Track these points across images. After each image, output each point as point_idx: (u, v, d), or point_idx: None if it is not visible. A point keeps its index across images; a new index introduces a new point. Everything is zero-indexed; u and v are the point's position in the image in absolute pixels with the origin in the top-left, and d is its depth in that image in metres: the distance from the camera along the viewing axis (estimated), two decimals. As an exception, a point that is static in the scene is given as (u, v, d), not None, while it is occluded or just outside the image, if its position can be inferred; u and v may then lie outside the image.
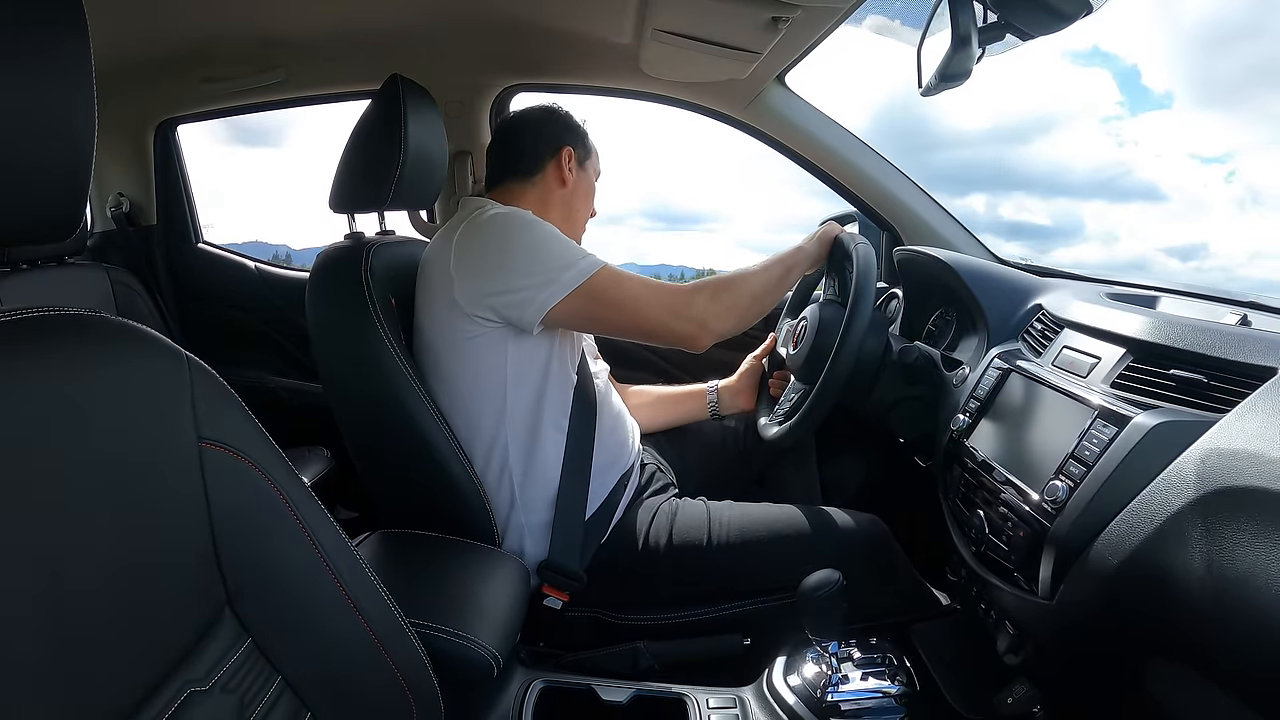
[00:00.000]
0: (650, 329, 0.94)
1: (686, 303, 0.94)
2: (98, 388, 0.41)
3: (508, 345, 0.92)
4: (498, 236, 0.91)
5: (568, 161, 1.05)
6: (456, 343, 0.92)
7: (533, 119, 1.07)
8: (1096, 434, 0.66)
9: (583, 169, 1.08)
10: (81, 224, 0.60)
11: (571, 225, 1.08)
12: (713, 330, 0.95)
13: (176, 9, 1.14)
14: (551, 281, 0.88)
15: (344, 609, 0.53)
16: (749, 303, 1.00)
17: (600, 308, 0.92)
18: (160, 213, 1.64)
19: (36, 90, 0.38)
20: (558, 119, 1.08)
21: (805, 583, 0.82)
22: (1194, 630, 0.54)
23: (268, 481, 0.49)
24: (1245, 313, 0.80)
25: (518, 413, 0.94)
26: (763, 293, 1.01)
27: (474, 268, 0.90)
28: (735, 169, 28.06)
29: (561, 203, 1.06)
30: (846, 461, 1.31)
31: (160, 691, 0.42)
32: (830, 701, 0.81)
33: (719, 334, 0.96)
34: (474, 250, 0.91)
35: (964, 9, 0.71)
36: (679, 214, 26.22)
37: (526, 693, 0.81)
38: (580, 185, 1.08)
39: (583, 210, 1.11)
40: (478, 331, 0.91)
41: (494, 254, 0.90)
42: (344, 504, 1.55)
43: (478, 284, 0.89)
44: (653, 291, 0.94)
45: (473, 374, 0.93)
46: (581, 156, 1.08)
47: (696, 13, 0.97)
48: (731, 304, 0.97)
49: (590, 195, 1.12)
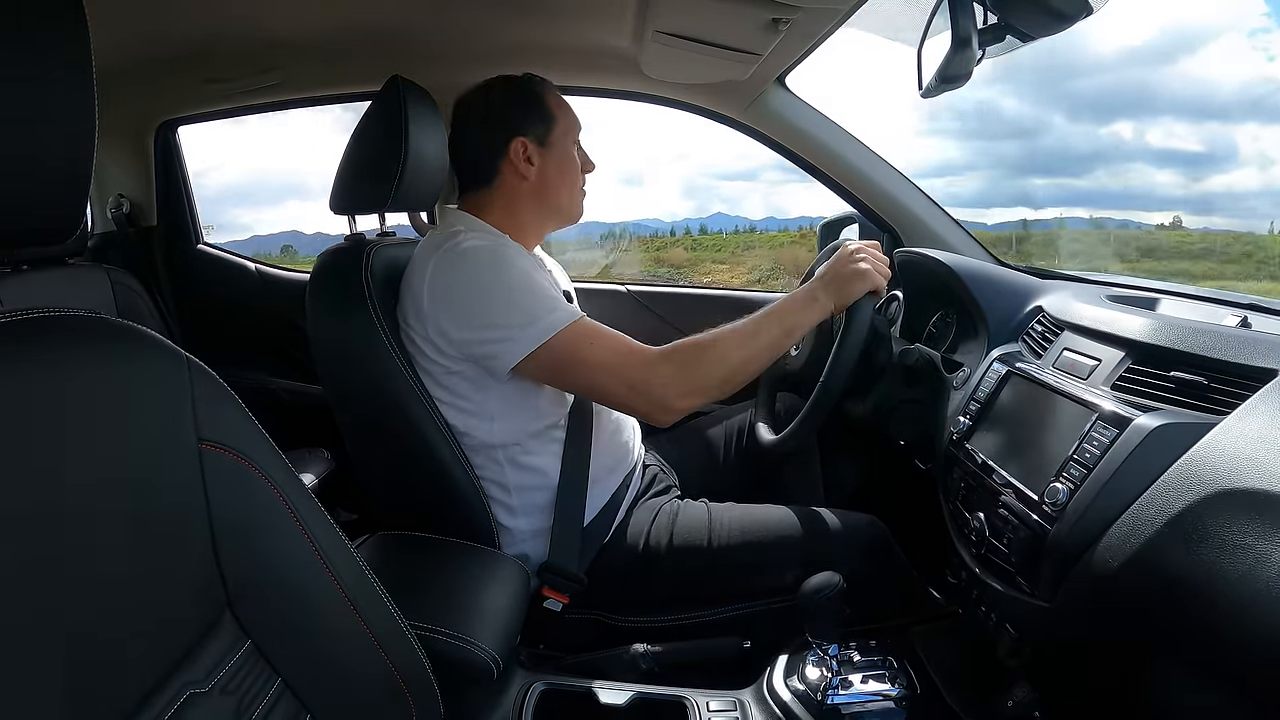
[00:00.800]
0: (610, 400, 0.90)
1: (646, 378, 0.86)
2: (98, 389, 0.41)
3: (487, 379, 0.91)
4: (466, 279, 0.87)
5: (521, 154, 0.98)
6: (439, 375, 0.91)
7: (470, 119, 1.00)
8: (1097, 436, 0.66)
9: (546, 147, 0.99)
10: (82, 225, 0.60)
11: (554, 210, 1.03)
12: (675, 410, 0.88)
13: (177, 10, 1.14)
14: (513, 339, 0.85)
15: (344, 611, 0.53)
16: (727, 374, 0.88)
17: (561, 369, 0.87)
18: (160, 213, 1.65)
19: (37, 91, 0.38)
20: (497, 107, 0.98)
21: (805, 585, 0.81)
22: (1195, 632, 0.54)
23: (268, 483, 0.49)
24: (1245, 314, 0.80)
25: (515, 417, 0.94)
26: (748, 359, 0.89)
27: (446, 309, 0.87)
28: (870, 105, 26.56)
29: (531, 196, 1.00)
30: (847, 464, 1.30)
31: (160, 693, 0.42)
32: (830, 704, 0.81)
33: (685, 411, 0.88)
34: (444, 287, 0.87)
35: (964, 10, 0.72)
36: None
37: (526, 695, 0.81)
38: (549, 166, 0.99)
39: (564, 187, 1.02)
40: (455, 368, 0.90)
41: (462, 298, 0.86)
42: (344, 506, 1.55)
43: (450, 327, 0.87)
44: (617, 357, 0.87)
45: (470, 379, 0.93)
46: (540, 135, 0.99)
47: (696, 14, 0.97)
48: (703, 377, 0.87)
49: (568, 168, 1.02)
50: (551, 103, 1.01)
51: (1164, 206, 57.12)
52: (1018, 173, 48.68)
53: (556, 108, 1.01)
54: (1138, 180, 27.01)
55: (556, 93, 1.03)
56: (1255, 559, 0.48)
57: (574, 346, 0.86)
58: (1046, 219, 14.65)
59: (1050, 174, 48.90)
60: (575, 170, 1.03)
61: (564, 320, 0.86)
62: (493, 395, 0.91)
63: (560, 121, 1.01)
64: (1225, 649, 0.51)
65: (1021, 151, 55.03)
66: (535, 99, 1.00)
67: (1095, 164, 47.32)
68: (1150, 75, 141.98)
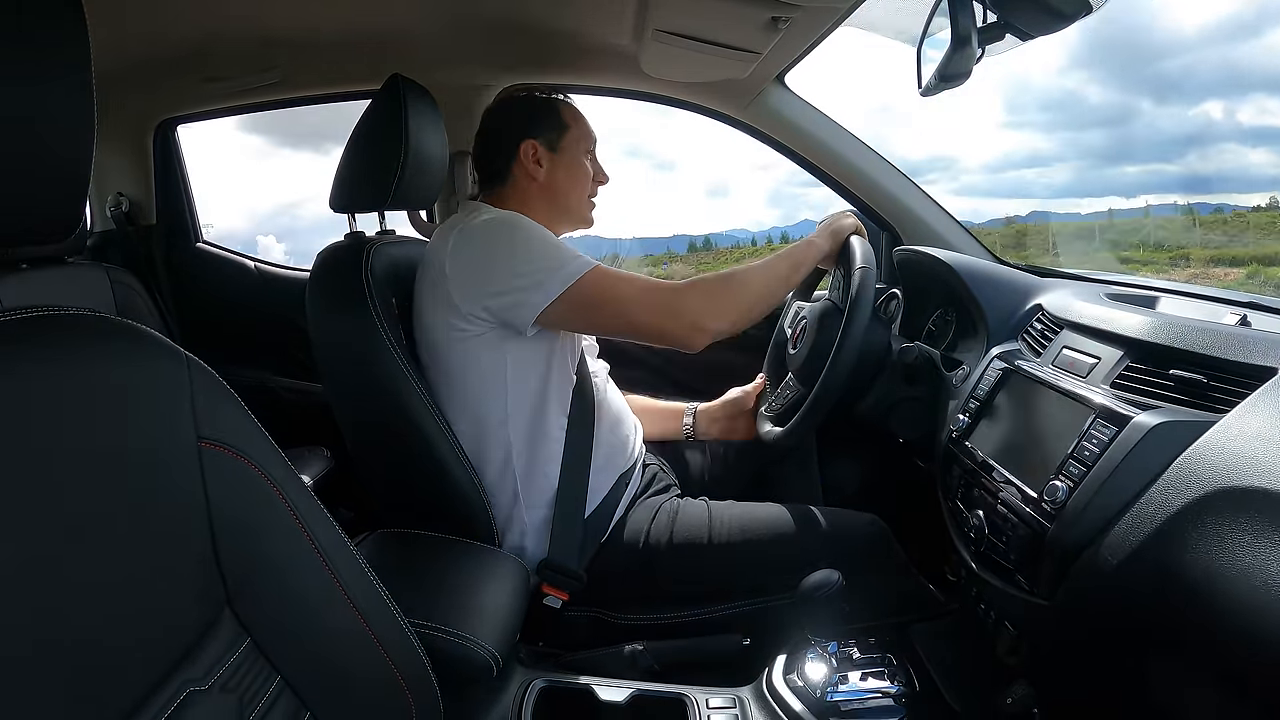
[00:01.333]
0: (642, 330, 0.94)
1: (676, 302, 0.93)
2: (97, 388, 0.41)
3: (507, 344, 0.93)
4: (489, 240, 0.91)
5: (531, 155, 1.03)
6: (457, 342, 0.92)
7: (490, 124, 1.07)
8: (1096, 434, 0.66)
9: (556, 151, 1.05)
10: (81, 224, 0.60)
11: (563, 211, 1.07)
12: (707, 329, 0.93)
13: (177, 9, 1.14)
14: (540, 285, 0.88)
15: (343, 609, 0.53)
16: (749, 301, 0.97)
17: (591, 309, 0.91)
18: (160, 213, 1.64)
19: (37, 90, 0.38)
20: (513, 114, 1.05)
21: (805, 583, 0.82)
22: (1194, 630, 0.54)
23: (267, 481, 0.49)
24: (1245, 313, 0.80)
25: (519, 410, 0.95)
26: (764, 290, 0.99)
27: (468, 270, 0.90)
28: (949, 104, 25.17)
29: (541, 195, 1.05)
30: (847, 462, 1.30)
31: (159, 691, 0.42)
32: (830, 702, 0.81)
33: (715, 333, 0.94)
34: (468, 253, 0.91)
35: (964, 9, 0.72)
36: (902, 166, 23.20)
37: (526, 693, 0.81)
38: (558, 170, 1.05)
39: (573, 191, 1.07)
40: (476, 331, 0.91)
41: (486, 257, 0.90)
42: (344, 504, 1.55)
43: (472, 286, 0.90)
44: (643, 291, 0.93)
45: (475, 373, 0.93)
46: (551, 140, 1.04)
47: (696, 13, 0.97)
48: (728, 302, 0.95)
49: (577, 173, 1.07)
50: (566, 114, 1.06)
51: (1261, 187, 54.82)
52: (1106, 161, 47.77)
53: (571, 118, 1.07)
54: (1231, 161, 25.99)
55: (574, 107, 1.09)
56: (1255, 557, 0.48)
57: (601, 287, 0.91)
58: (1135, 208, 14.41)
59: (1140, 161, 47.92)
60: (585, 177, 1.08)
61: (588, 264, 0.90)
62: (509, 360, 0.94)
63: (573, 130, 1.06)
64: (1224, 647, 0.51)
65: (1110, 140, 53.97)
66: (549, 108, 1.06)
67: (1187, 148, 46.39)
68: (1234, 50, 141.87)
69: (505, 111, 1.07)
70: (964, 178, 30.62)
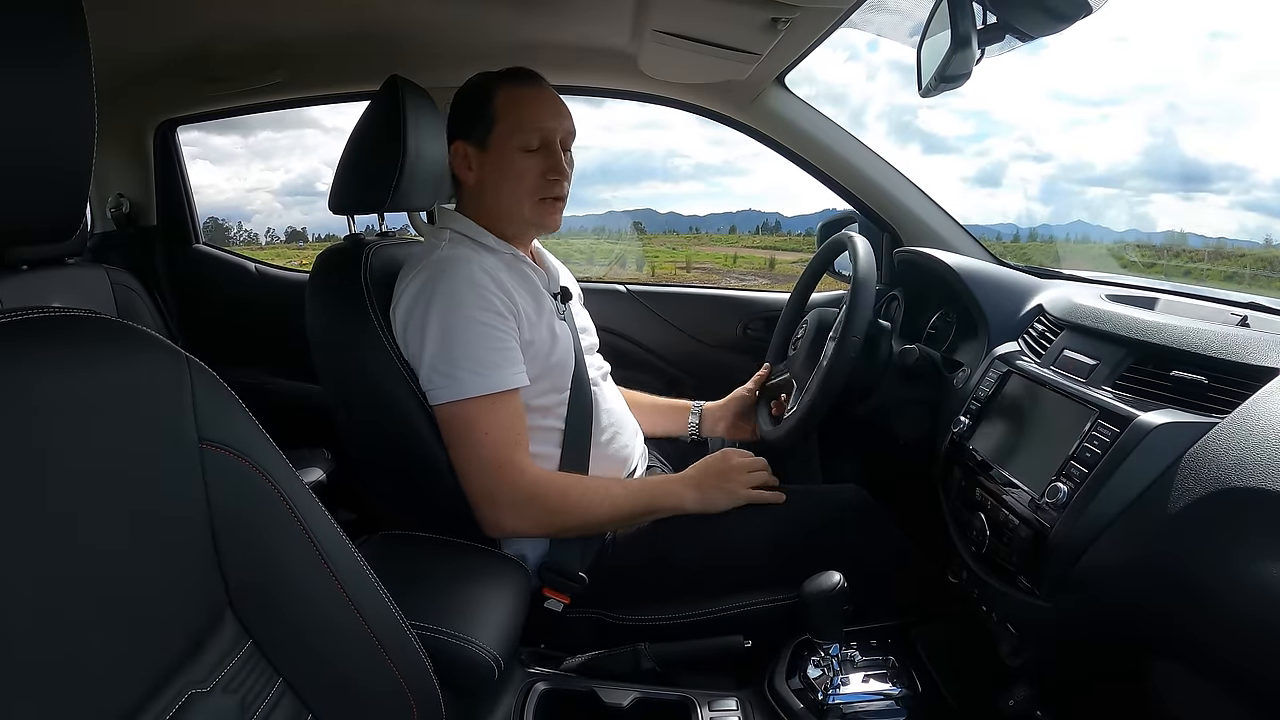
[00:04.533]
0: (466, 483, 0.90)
1: (501, 493, 0.89)
2: (98, 389, 0.41)
3: None
4: (424, 310, 0.88)
5: (461, 157, 0.98)
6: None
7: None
8: (1097, 435, 0.66)
9: (485, 149, 0.96)
10: (82, 225, 0.60)
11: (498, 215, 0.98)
12: (505, 530, 0.92)
13: (177, 9, 1.14)
14: (433, 386, 0.88)
15: (345, 611, 0.53)
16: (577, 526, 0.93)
17: (449, 432, 0.89)
18: (160, 213, 1.65)
19: (37, 90, 0.38)
20: (452, 113, 1.00)
21: (807, 584, 0.81)
22: (1195, 631, 0.54)
23: (268, 482, 0.49)
24: (1245, 314, 0.80)
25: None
26: (603, 524, 0.95)
27: (401, 335, 0.90)
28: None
29: (477, 199, 0.99)
30: (847, 463, 1.30)
31: (161, 694, 0.42)
32: (831, 703, 0.81)
33: (512, 534, 0.93)
34: (401, 317, 0.90)
35: (963, 10, 0.72)
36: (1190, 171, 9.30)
37: (528, 695, 0.80)
38: (487, 168, 0.96)
39: (504, 192, 0.96)
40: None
41: (418, 328, 0.89)
42: (345, 505, 1.55)
43: (404, 347, 0.90)
44: (494, 463, 0.88)
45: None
46: (479, 137, 0.95)
47: (695, 14, 0.97)
48: (550, 523, 0.92)
49: (507, 171, 0.95)
50: (499, 104, 0.94)
51: None
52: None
53: (504, 108, 0.94)
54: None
55: (516, 93, 0.95)
56: (1256, 558, 0.48)
57: (466, 422, 0.88)
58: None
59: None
60: (519, 175, 0.95)
61: (471, 391, 0.87)
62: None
63: (502, 123, 0.94)
64: (1225, 647, 0.51)
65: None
66: (477, 102, 0.96)
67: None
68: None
69: (450, 110, 1.01)
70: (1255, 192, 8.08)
